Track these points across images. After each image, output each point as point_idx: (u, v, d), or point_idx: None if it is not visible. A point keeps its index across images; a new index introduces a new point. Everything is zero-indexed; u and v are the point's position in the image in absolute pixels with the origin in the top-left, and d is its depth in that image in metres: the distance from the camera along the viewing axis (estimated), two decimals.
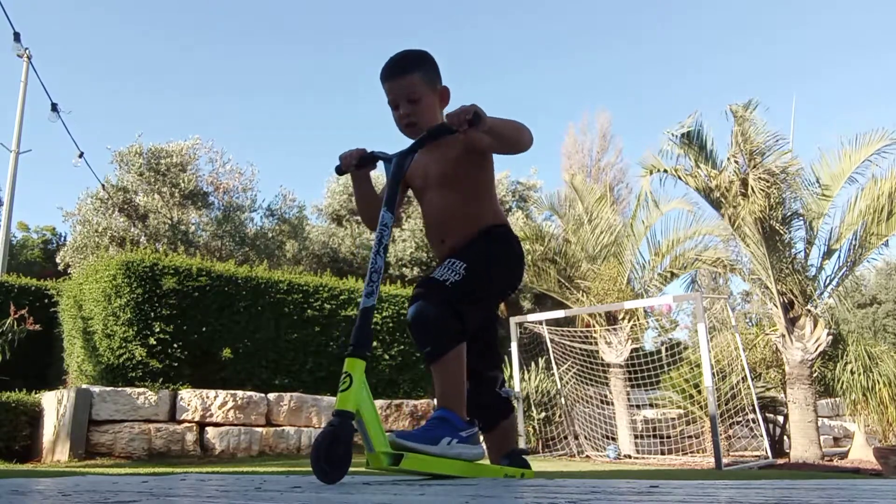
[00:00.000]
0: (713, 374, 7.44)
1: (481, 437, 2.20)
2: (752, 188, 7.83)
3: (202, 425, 7.11)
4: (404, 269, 14.31)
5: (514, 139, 2.10)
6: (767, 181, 7.79)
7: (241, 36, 36.17)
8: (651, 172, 8.76)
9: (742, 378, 8.75)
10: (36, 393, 7.43)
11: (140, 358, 7.17)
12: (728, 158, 8.24)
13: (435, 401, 2.55)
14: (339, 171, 2.24)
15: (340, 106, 39.17)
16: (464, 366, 2.03)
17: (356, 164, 2.19)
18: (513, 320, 9.28)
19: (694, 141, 8.53)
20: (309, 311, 8.33)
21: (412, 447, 1.84)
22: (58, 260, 13.82)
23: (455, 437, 1.94)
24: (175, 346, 7.38)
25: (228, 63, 37.32)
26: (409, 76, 2.18)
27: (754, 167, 7.86)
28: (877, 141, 8.08)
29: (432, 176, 2.28)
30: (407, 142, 2.18)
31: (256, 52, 36.96)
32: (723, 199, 8.32)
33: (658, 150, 8.76)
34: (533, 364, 9.99)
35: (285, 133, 39.37)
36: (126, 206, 13.21)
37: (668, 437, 9.61)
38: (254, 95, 37.21)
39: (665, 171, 8.66)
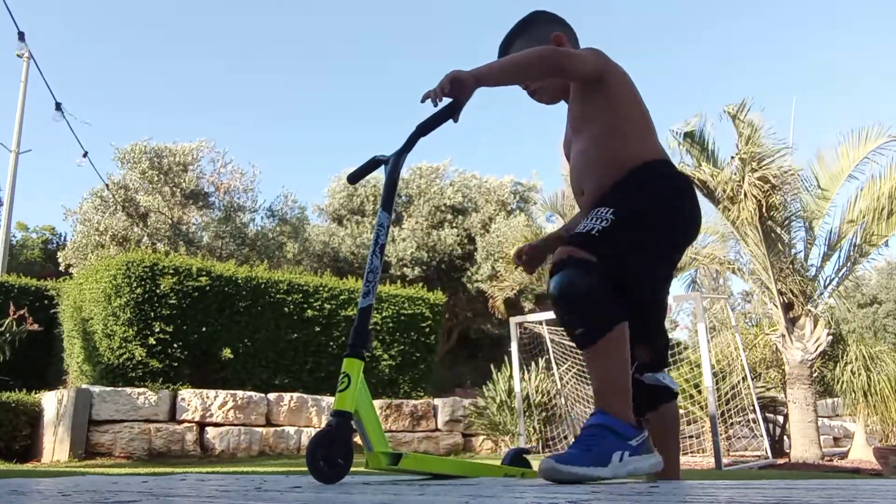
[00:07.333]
0: (713, 374, 7.43)
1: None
2: (746, 192, 7.84)
3: (202, 425, 7.11)
4: (405, 269, 14.30)
5: (536, 64, 1.86)
6: (764, 184, 7.78)
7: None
8: None
9: (742, 378, 8.74)
10: (36, 393, 7.43)
11: (140, 358, 7.17)
12: (731, 158, 8.23)
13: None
14: (350, 180, 2.30)
15: (342, 104, 39.20)
16: (627, 350, 1.68)
17: (362, 172, 2.19)
18: (513, 320, 9.27)
19: (696, 140, 8.54)
20: (309, 311, 8.33)
21: (579, 473, 1.54)
22: (59, 260, 13.80)
23: (626, 448, 1.61)
24: (175, 346, 7.38)
25: (232, 63, 37.36)
26: None
27: (752, 171, 7.86)
28: (875, 138, 8.06)
29: (571, 123, 2.07)
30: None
31: (259, 49, 37.01)
32: (723, 199, 8.32)
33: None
34: (533, 364, 9.98)
35: (286, 131, 39.39)
36: (127, 205, 13.20)
37: None
38: (255, 93, 37.24)
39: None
